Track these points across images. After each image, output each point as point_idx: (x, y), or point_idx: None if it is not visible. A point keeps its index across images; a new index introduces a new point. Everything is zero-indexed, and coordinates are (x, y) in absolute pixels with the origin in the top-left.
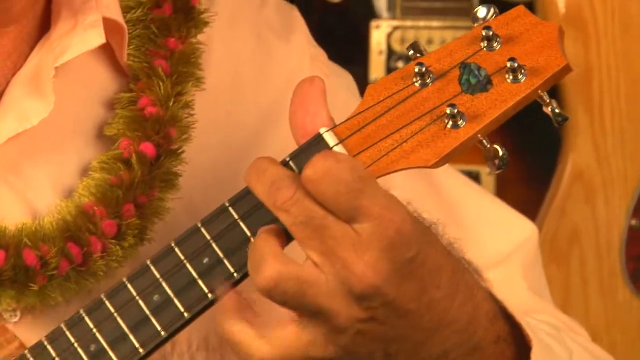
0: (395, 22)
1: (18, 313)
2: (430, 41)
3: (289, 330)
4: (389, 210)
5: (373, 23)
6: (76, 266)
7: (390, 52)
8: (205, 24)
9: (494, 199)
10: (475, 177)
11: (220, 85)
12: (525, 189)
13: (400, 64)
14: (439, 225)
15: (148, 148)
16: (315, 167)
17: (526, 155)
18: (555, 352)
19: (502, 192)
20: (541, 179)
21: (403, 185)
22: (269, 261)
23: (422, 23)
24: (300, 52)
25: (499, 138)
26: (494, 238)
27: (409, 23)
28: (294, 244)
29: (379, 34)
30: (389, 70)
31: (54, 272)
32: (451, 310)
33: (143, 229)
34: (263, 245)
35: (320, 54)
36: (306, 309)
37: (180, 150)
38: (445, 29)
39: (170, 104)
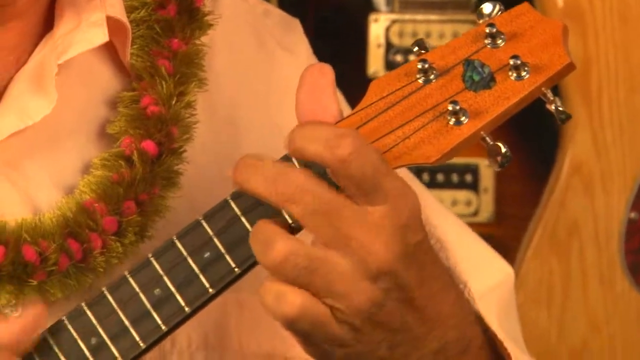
0: (394, 16)
1: (18, 309)
2: (428, 34)
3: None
4: (404, 193)
5: (371, 16)
6: (76, 262)
7: (389, 46)
8: (209, 26)
9: (477, 238)
10: (474, 169)
11: (223, 86)
12: (525, 182)
13: (398, 57)
14: (430, 223)
15: (150, 146)
16: (347, 148)
17: (525, 149)
18: None
19: (501, 185)
20: (540, 172)
21: None
22: (279, 237)
23: (420, 16)
24: (302, 65)
25: (498, 132)
26: (472, 275)
27: (407, 17)
28: None
29: (377, 28)
30: (388, 63)
31: (53, 268)
32: (446, 304)
33: (144, 226)
34: (269, 225)
35: None
36: (319, 288)
37: (182, 149)
38: (443, 22)
39: (173, 103)
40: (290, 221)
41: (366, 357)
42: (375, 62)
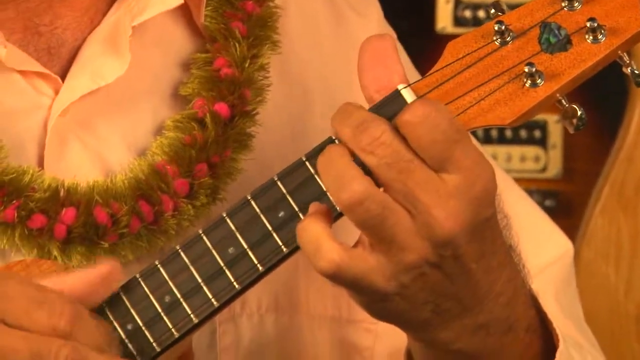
0: None
1: None
2: None
3: (359, 250)
4: (479, 165)
5: None
6: (147, 224)
7: (458, 1)
8: None
9: (540, 211)
10: (542, 125)
11: (295, 48)
12: (593, 138)
13: (467, 13)
14: (500, 198)
15: (222, 108)
16: (415, 112)
17: (594, 104)
18: None
19: (570, 142)
20: (609, 128)
21: None
22: (358, 178)
23: None
24: (372, 28)
25: None
26: (531, 250)
27: None
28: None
29: None
30: (456, 19)
31: (124, 230)
32: (499, 282)
33: (215, 188)
34: (346, 161)
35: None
36: (381, 236)
37: (254, 112)
38: None
39: (246, 65)
40: None
41: (409, 315)
42: (443, 18)
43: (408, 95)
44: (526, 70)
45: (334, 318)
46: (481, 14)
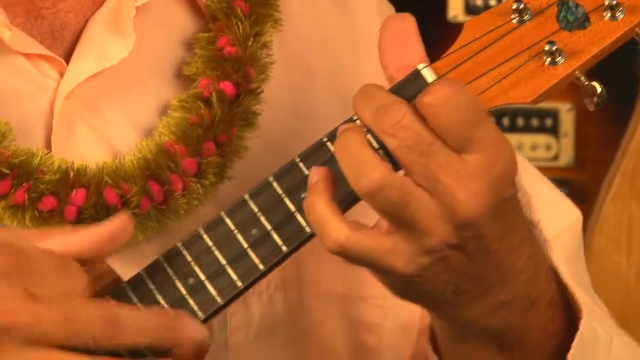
0: None
1: None
2: None
3: (375, 232)
4: (500, 145)
5: None
6: (157, 204)
7: None
8: None
9: (547, 182)
10: (554, 114)
11: (297, 28)
12: (605, 126)
13: (479, 1)
14: (520, 176)
15: (228, 87)
16: (436, 94)
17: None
18: (598, 333)
19: (581, 130)
20: (620, 116)
21: None
22: (376, 166)
23: None
24: (374, 9)
25: None
26: (545, 221)
27: None
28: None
29: None
30: (468, 7)
31: (135, 211)
32: (521, 259)
33: (223, 167)
34: (364, 149)
35: (390, 11)
36: (402, 221)
37: (259, 90)
38: None
39: (249, 43)
40: None
41: (431, 296)
42: (455, 6)
43: (428, 75)
44: (546, 48)
45: (344, 295)
46: (492, 1)
